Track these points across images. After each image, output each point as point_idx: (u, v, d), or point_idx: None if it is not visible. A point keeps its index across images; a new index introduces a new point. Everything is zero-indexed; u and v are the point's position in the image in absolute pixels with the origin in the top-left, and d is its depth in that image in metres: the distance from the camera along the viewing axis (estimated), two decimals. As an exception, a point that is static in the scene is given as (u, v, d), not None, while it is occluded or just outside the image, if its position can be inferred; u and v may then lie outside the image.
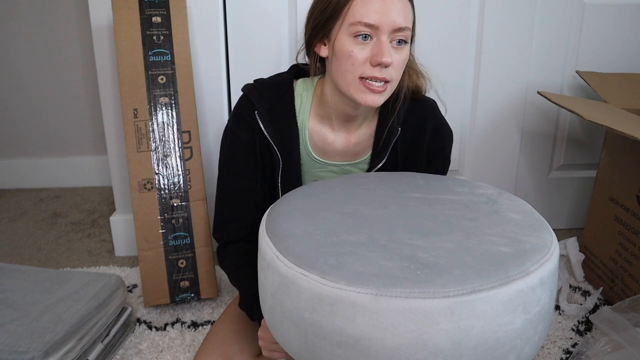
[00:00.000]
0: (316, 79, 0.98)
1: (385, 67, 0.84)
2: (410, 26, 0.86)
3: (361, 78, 0.86)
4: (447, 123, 1.02)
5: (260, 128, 0.94)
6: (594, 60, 1.48)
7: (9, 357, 0.86)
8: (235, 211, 1.01)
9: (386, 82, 0.86)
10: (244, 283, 0.97)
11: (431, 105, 1.01)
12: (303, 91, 0.98)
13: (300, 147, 0.98)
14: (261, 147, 0.97)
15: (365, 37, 0.84)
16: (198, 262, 1.21)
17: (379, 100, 0.87)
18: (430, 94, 1.01)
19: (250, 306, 0.95)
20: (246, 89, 0.98)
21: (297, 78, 1.01)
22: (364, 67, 0.85)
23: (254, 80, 0.99)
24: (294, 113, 0.97)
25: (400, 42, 0.85)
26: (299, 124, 0.97)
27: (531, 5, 1.41)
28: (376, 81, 0.85)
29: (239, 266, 0.99)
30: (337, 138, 0.98)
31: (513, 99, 1.49)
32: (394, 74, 0.87)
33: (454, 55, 1.43)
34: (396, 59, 0.85)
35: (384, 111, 0.97)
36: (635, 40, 1.48)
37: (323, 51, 0.91)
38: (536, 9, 1.41)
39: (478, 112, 1.49)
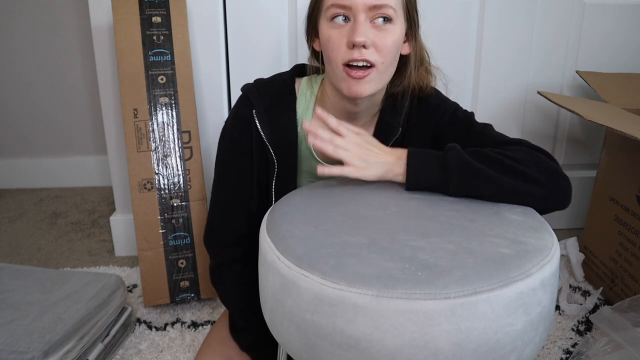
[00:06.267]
0: (322, 76, 0.95)
1: (365, 47, 0.79)
2: (392, 4, 0.79)
3: (345, 65, 0.80)
4: (452, 105, 0.94)
5: (258, 128, 0.90)
6: (594, 60, 1.48)
7: (9, 357, 0.86)
8: (229, 220, 0.96)
9: (369, 66, 0.80)
10: (236, 311, 0.97)
11: (437, 103, 0.93)
12: (307, 89, 0.95)
13: (302, 146, 0.95)
14: (257, 148, 0.92)
15: (345, 18, 0.79)
16: (198, 262, 1.21)
17: (363, 89, 0.81)
18: None
19: (238, 332, 0.96)
20: (245, 88, 0.94)
21: (302, 76, 0.97)
22: (345, 51, 0.80)
23: (255, 80, 0.96)
24: (294, 115, 0.92)
25: (384, 20, 0.79)
26: (300, 124, 0.94)
27: (531, 5, 1.41)
28: (357, 65, 0.79)
29: (230, 294, 0.98)
30: None
31: (513, 99, 1.49)
32: (378, 57, 0.80)
33: (454, 54, 1.43)
34: (379, 39, 0.79)
35: (384, 111, 0.93)
36: (635, 40, 1.48)
37: (317, 45, 0.89)
38: (536, 9, 1.41)
39: (478, 112, 1.48)
